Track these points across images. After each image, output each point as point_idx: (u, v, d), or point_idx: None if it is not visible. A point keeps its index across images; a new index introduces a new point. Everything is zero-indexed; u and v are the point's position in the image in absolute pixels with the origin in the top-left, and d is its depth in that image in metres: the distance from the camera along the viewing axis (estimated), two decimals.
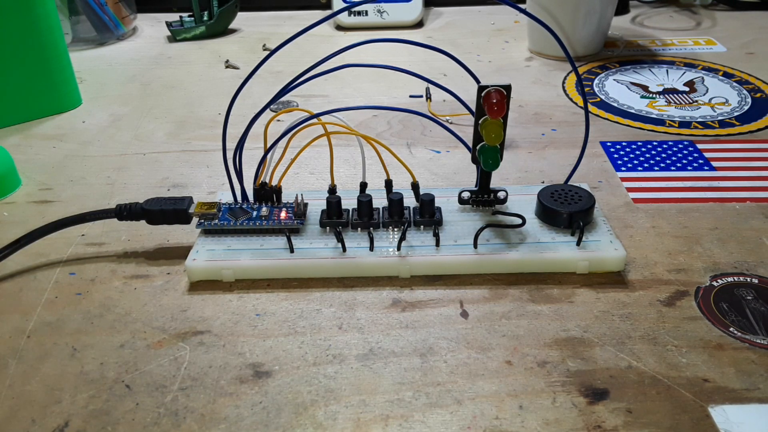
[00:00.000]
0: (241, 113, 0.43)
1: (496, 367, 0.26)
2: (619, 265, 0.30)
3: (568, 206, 0.31)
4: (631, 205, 0.35)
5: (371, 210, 0.32)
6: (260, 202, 0.33)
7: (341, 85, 0.52)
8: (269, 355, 0.26)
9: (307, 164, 0.40)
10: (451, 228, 0.32)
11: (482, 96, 0.29)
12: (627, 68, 0.54)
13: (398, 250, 0.30)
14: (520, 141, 0.43)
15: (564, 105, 0.48)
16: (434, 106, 0.47)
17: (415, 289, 0.30)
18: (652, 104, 0.47)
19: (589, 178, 0.38)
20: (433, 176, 0.39)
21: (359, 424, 0.23)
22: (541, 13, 0.54)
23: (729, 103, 0.47)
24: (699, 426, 0.23)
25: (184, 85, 0.53)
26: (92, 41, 0.62)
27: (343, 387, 0.25)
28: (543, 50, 0.57)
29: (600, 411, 0.23)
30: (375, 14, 0.64)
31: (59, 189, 0.39)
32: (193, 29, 0.64)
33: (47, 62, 0.47)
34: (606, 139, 0.42)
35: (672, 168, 0.39)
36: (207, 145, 0.43)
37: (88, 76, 0.55)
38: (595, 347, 0.26)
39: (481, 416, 0.23)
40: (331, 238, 0.31)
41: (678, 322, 0.27)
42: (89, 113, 0.49)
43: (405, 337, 0.27)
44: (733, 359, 0.26)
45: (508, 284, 0.30)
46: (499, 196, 0.33)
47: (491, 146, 0.30)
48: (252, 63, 0.55)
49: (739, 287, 0.29)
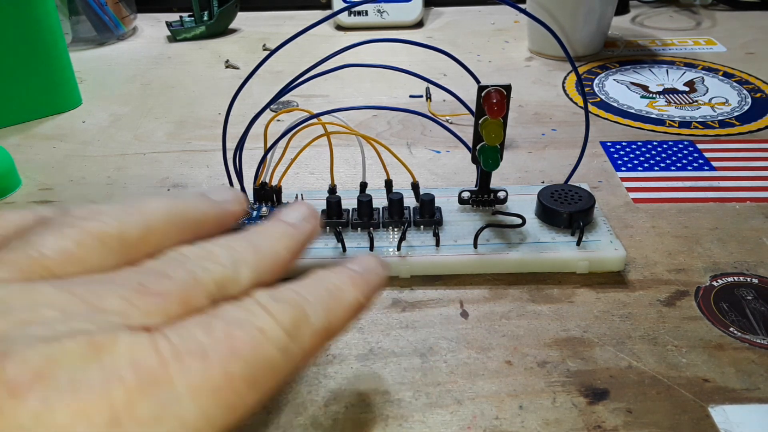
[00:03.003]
0: (241, 113, 0.43)
1: (496, 367, 0.26)
2: (619, 265, 0.30)
3: (568, 206, 0.31)
4: (631, 205, 0.35)
5: (371, 210, 0.32)
6: (260, 202, 0.33)
7: (341, 85, 0.52)
8: None
9: (307, 164, 0.40)
10: (451, 228, 0.32)
11: (482, 96, 0.29)
12: (627, 68, 0.54)
13: (398, 250, 0.30)
14: (520, 141, 0.43)
15: (564, 105, 0.48)
16: (434, 106, 0.47)
17: (415, 289, 0.30)
18: (652, 104, 0.47)
19: (589, 178, 0.38)
20: (433, 176, 0.39)
21: (359, 424, 0.23)
22: (541, 13, 0.54)
23: (729, 103, 0.47)
24: (699, 426, 0.23)
25: (184, 85, 0.53)
26: (92, 41, 0.62)
27: (343, 387, 0.25)
28: (543, 50, 0.57)
29: (600, 411, 0.23)
30: (375, 14, 0.64)
31: (59, 189, 0.39)
32: (193, 29, 0.64)
33: (47, 62, 0.47)
34: (606, 139, 0.42)
35: (672, 168, 0.39)
36: (207, 145, 0.43)
37: (88, 76, 0.55)
38: (595, 347, 0.26)
39: (481, 416, 0.23)
40: (331, 238, 0.31)
41: (678, 322, 0.27)
42: (89, 113, 0.49)
43: (405, 337, 0.27)
44: (733, 359, 0.26)
45: (508, 284, 0.30)
46: (499, 196, 0.33)
47: (491, 146, 0.30)
48: (252, 63, 0.55)
49: (739, 287, 0.29)
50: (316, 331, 0.17)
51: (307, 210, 0.22)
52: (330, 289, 0.18)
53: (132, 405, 0.13)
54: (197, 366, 0.14)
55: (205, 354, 0.15)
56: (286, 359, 0.16)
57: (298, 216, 0.21)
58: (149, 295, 0.16)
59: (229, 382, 0.15)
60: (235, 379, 0.15)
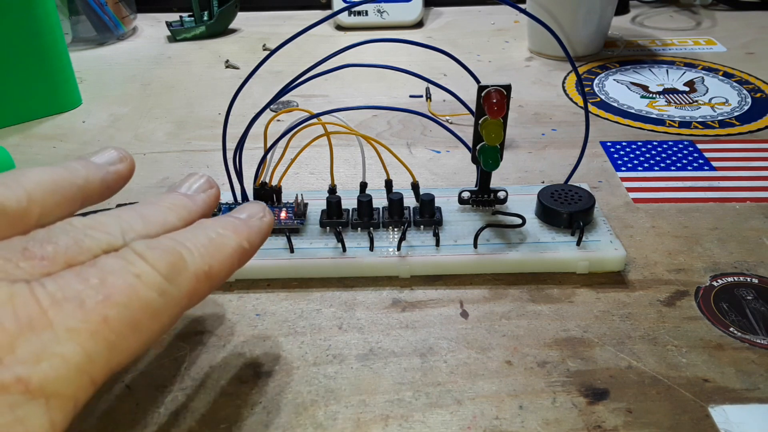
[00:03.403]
0: (241, 113, 0.43)
1: (496, 367, 0.25)
2: (619, 265, 0.30)
3: (568, 206, 0.31)
4: (631, 205, 0.35)
5: (371, 210, 0.32)
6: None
7: (341, 85, 0.52)
8: (269, 355, 0.26)
9: (307, 164, 0.40)
10: (451, 228, 0.32)
11: (482, 96, 0.29)
12: (627, 68, 0.54)
13: (398, 250, 0.30)
14: (520, 141, 0.43)
15: (564, 105, 0.48)
16: (434, 106, 0.47)
17: (415, 289, 0.30)
18: (652, 104, 0.47)
19: (589, 178, 0.38)
20: (433, 176, 0.39)
21: (359, 424, 0.23)
22: (541, 13, 0.54)
23: (729, 103, 0.47)
24: (699, 426, 0.23)
25: (184, 85, 0.53)
26: (92, 41, 0.62)
27: (343, 387, 0.25)
28: (543, 50, 0.57)
29: (600, 411, 0.23)
30: (375, 14, 0.64)
31: None
32: (193, 29, 0.64)
33: (47, 62, 0.47)
34: (606, 139, 0.42)
35: (672, 168, 0.39)
36: (207, 145, 0.43)
37: (88, 76, 0.55)
38: (595, 347, 0.26)
39: (481, 416, 0.23)
40: (331, 238, 0.31)
41: (678, 322, 0.27)
42: (89, 113, 0.49)
43: (405, 337, 0.27)
44: (733, 359, 0.26)
45: (508, 284, 0.30)
46: (499, 196, 0.33)
47: (491, 146, 0.30)
48: (252, 63, 0.55)
49: (739, 287, 0.29)
50: (195, 275, 0.18)
51: (203, 180, 0.23)
52: (211, 236, 0.20)
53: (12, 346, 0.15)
54: (74, 311, 0.16)
55: (82, 300, 0.16)
56: (165, 301, 0.17)
57: (192, 186, 0.22)
58: (33, 259, 0.17)
59: (106, 324, 0.16)
60: (112, 321, 0.16)
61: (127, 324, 0.16)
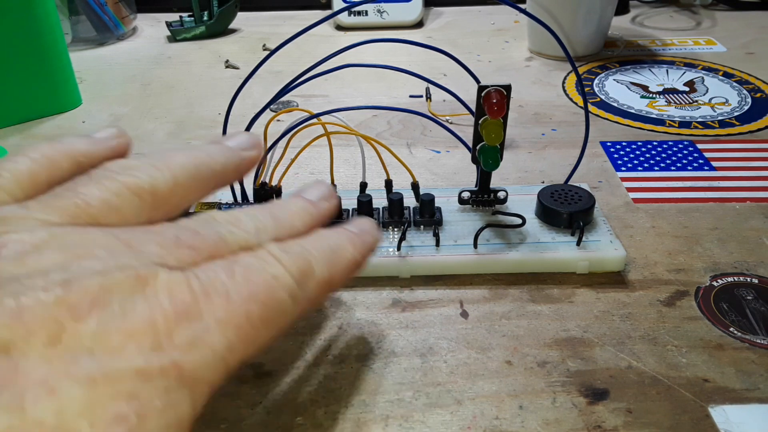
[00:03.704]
0: (241, 113, 0.43)
1: (496, 367, 0.26)
2: (619, 265, 0.30)
3: (568, 206, 0.31)
4: (631, 205, 0.35)
5: (371, 210, 0.32)
6: (260, 202, 0.33)
7: (341, 85, 0.52)
8: (269, 355, 0.26)
9: (307, 164, 0.40)
10: (451, 228, 0.32)
11: (482, 96, 0.29)
12: (627, 68, 0.54)
13: (398, 250, 0.30)
14: (520, 141, 0.43)
15: (564, 105, 0.48)
16: (434, 106, 0.47)
17: (415, 289, 0.30)
18: (652, 104, 0.47)
19: (589, 178, 0.38)
20: (433, 176, 0.39)
21: (359, 424, 0.23)
22: (541, 13, 0.54)
23: (729, 103, 0.47)
24: (699, 426, 0.23)
25: (184, 85, 0.53)
26: (92, 41, 0.62)
27: (343, 387, 0.25)
28: (543, 50, 0.57)
29: (600, 411, 0.23)
30: (375, 14, 0.64)
31: None
32: (193, 29, 0.64)
33: (47, 62, 0.47)
34: (606, 139, 0.42)
35: (672, 168, 0.39)
36: None
37: (88, 76, 0.55)
38: (595, 347, 0.26)
39: (481, 416, 0.23)
40: None
41: (678, 322, 0.27)
42: (89, 113, 0.49)
43: (405, 337, 0.27)
44: (733, 359, 0.26)
45: (508, 284, 0.30)
46: (499, 196, 0.33)
47: (491, 146, 0.30)
48: (252, 63, 0.55)
49: (739, 287, 0.29)
50: (319, 282, 0.19)
51: (326, 189, 0.23)
52: (332, 246, 0.20)
53: (171, 332, 0.15)
54: (222, 303, 0.16)
55: (228, 294, 0.17)
56: (294, 304, 0.18)
57: (317, 194, 0.23)
58: (183, 247, 0.18)
59: (248, 320, 0.17)
60: (253, 318, 0.17)
61: (263, 321, 0.17)
